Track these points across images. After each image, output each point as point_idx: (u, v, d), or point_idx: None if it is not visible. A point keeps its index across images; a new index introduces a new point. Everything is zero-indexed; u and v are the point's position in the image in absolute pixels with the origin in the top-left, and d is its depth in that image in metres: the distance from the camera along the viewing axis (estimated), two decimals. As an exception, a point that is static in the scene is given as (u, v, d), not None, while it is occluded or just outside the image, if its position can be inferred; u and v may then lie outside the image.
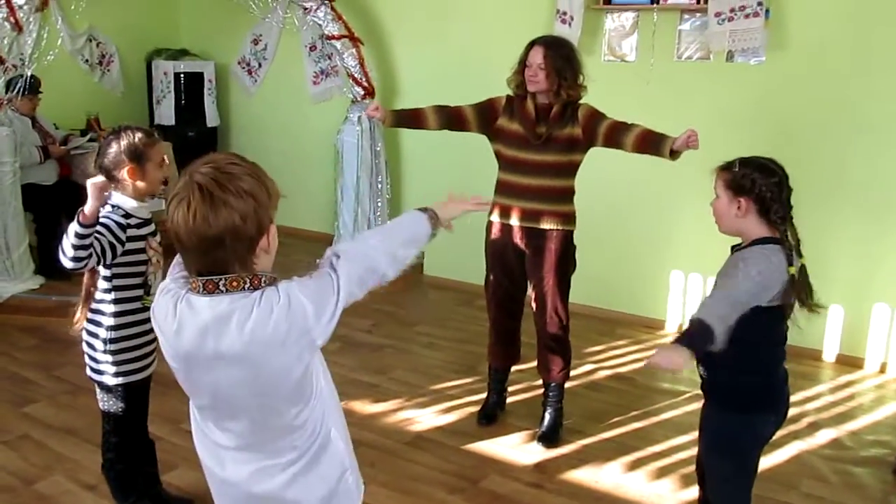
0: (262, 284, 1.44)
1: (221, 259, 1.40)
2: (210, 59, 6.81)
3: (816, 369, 4.31)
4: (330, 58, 5.95)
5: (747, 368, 2.14)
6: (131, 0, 6.61)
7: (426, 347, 4.54)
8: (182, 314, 1.44)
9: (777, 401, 2.20)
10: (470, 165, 4.42)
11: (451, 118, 3.32)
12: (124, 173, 2.37)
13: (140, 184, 2.40)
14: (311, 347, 1.46)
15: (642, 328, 4.88)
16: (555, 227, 3.22)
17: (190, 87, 6.59)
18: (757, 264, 2.02)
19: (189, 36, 7.05)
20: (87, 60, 6.34)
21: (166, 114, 6.57)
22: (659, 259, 4.81)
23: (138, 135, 2.39)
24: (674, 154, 2.93)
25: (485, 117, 3.29)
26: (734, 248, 2.23)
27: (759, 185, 2.08)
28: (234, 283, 1.41)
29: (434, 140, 5.43)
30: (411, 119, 3.36)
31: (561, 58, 3.11)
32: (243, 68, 6.73)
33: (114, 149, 2.37)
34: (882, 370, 4.29)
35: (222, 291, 1.41)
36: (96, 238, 2.28)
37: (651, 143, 3.00)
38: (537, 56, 3.11)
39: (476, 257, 3.75)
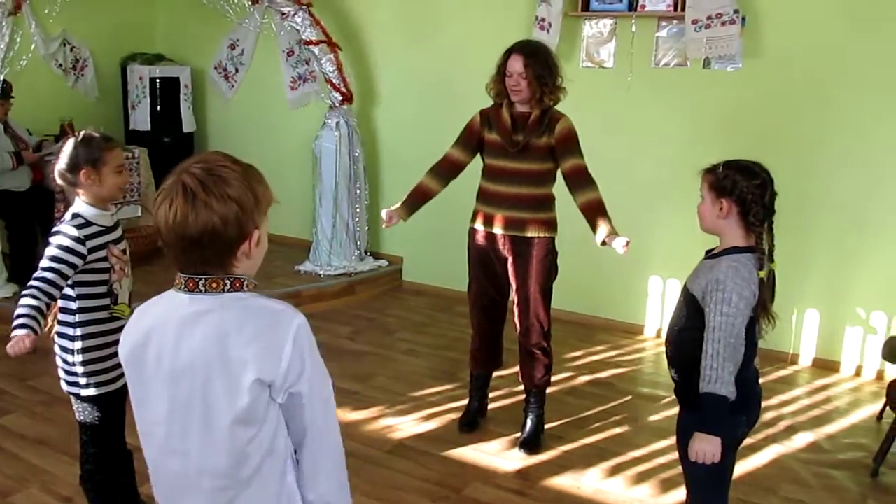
0: (244, 288, 1.44)
1: (200, 259, 1.41)
2: (186, 63, 6.73)
3: (793, 373, 4.36)
4: (308, 63, 5.92)
5: None
6: (106, 4, 6.52)
7: (406, 354, 4.52)
8: (162, 307, 1.46)
9: (748, 401, 2.20)
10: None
11: (448, 172, 3.35)
12: (81, 177, 2.35)
13: (98, 189, 2.38)
14: (262, 390, 1.39)
15: (622, 333, 4.91)
16: (538, 235, 3.24)
17: (166, 92, 6.49)
18: (733, 289, 2.04)
19: (165, 41, 6.97)
20: (60, 65, 6.25)
21: (141, 119, 6.48)
22: (637, 265, 4.83)
23: (94, 139, 2.39)
24: (604, 244, 3.04)
25: (471, 144, 3.31)
26: (708, 253, 2.24)
27: (740, 187, 2.09)
28: (214, 285, 1.42)
29: (412, 145, 5.44)
30: (419, 198, 3.35)
31: (540, 65, 3.12)
32: (220, 73, 6.67)
33: (70, 153, 2.36)
34: (857, 374, 4.34)
35: (202, 291, 1.42)
36: (53, 271, 2.25)
37: (594, 217, 3.08)
38: (517, 65, 3.10)
39: (455, 263, 3.75)
